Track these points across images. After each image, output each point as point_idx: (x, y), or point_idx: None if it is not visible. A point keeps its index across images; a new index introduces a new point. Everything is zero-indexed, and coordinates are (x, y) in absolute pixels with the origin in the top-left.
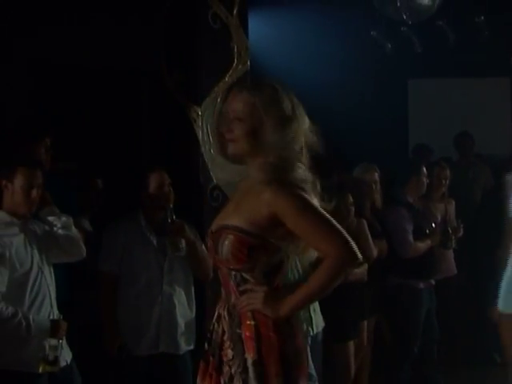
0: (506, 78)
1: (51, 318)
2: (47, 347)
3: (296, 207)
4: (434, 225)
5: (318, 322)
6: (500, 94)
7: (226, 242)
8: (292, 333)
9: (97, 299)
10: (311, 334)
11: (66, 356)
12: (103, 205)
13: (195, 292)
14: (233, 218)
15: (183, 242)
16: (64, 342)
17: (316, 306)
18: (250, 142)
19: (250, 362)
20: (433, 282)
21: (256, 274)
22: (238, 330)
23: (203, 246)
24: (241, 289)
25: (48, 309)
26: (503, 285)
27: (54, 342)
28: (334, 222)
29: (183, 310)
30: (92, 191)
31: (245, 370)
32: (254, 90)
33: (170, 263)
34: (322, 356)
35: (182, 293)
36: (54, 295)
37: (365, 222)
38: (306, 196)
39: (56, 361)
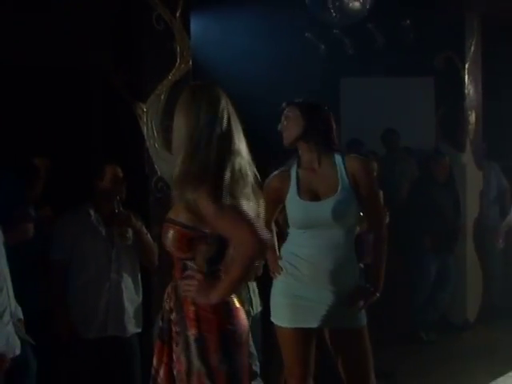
0: (430, 77)
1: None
2: None
3: (212, 206)
4: (361, 213)
5: (257, 303)
6: (425, 93)
7: (169, 235)
8: (231, 313)
9: (48, 286)
10: (252, 314)
11: (14, 347)
12: (52, 197)
13: (142, 278)
14: (177, 212)
15: (130, 231)
16: (12, 331)
17: (255, 287)
18: None
19: (191, 338)
20: (361, 265)
21: (198, 262)
22: (181, 311)
23: (149, 235)
24: (184, 275)
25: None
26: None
27: None
28: (245, 212)
29: (130, 295)
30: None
31: (188, 346)
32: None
33: (117, 252)
34: (261, 336)
35: (129, 279)
36: (10, 287)
37: None
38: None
39: None
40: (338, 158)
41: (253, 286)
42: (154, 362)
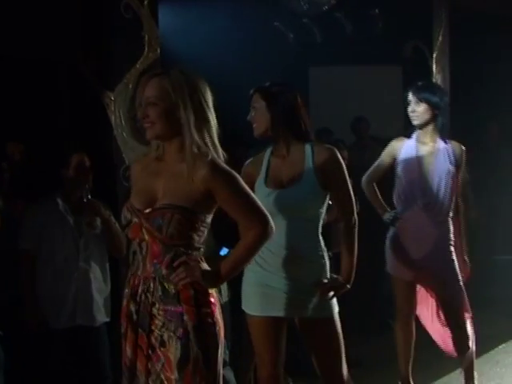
0: (399, 66)
1: None
2: None
3: (229, 185)
4: (330, 202)
5: (225, 292)
6: (393, 81)
7: (173, 221)
8: (219, 299)
9: (16, 276)
10: (221, 302)
11: None
12: (20, 186)
13: (110, 268)
14: (169, 198)
15: (98, 220)
16: None
17: None
18: (164, 124)
19: (190, 326)
20: (330, 253)
21: (192, 248)
22: (174, 299)
23: (117, 225)
24: (175, 263)
25: None
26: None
27: None
28: (256, 198)
29: (99, 284)
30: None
31: (184, 334)
32: (163, 75)
33: (85, 241)
34: (230, 325)
35: (98, 269)
36: None
37: None
38: (236, 174)
39: None
40: (307, 146)
41: None
42: (129, 352)
